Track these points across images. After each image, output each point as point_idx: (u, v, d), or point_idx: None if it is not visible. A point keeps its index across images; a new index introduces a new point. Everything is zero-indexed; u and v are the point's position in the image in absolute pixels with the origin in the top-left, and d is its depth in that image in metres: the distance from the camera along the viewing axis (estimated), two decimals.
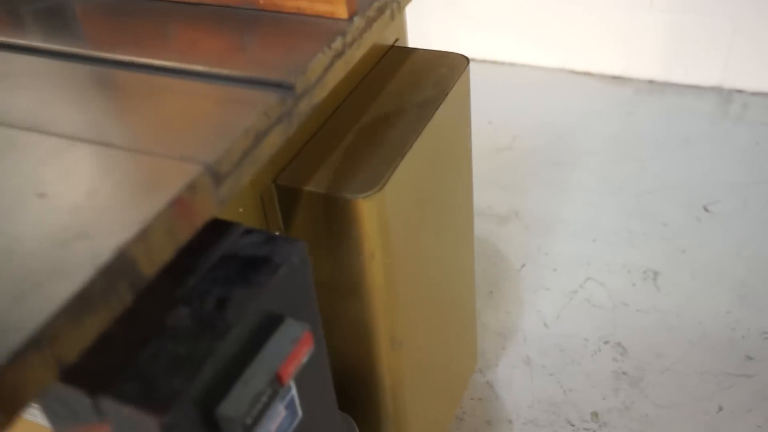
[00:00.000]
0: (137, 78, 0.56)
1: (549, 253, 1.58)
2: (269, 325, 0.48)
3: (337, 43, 0.57)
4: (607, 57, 2.03)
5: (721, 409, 1.25)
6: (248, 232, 0.51)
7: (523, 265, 1.56)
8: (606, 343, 1.38)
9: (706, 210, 1.65)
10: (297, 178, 0.67)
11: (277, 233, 0.68)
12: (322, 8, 0.59)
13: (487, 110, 1.97)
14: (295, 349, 0.47)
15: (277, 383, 0.46)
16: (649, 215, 1.63)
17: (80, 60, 0.59)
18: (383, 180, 0.65)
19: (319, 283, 0.72)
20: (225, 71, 0.55)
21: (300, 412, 0.53)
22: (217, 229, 0.51)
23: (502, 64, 2.17)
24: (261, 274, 0.47)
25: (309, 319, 0.52)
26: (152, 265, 0.42)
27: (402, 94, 0.76)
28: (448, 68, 0.79)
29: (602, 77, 2.07)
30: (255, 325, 0.46)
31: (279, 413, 0.49)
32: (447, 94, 0.75)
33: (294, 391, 0.51)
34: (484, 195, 1.73)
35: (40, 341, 0.35)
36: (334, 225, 0.66)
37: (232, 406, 0.43)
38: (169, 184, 0.44)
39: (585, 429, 1.24)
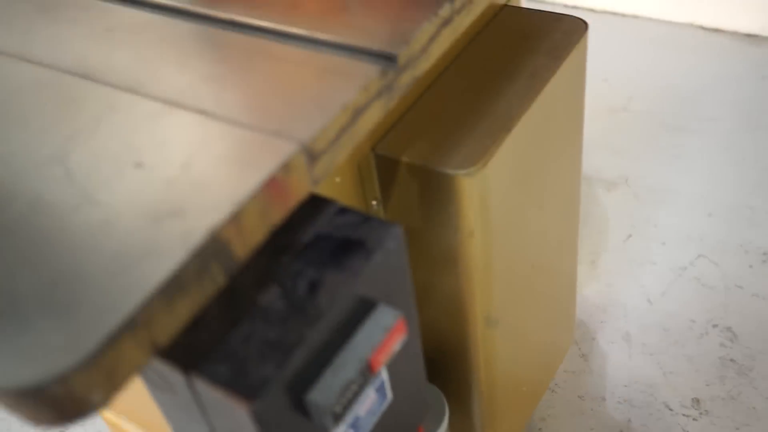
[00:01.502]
0: (236, 39, 0.54)
1: (658, 224, 1.49)
2: (361, 310, 0.46)
3: (445, 10, 0.53)
4: (742, 12, 1.85)
5: None
6: (343, 211, 0.49)
7: (630, 236, 1.48)
8: (714, 326, 1.29)
9: None
10: (397, 148, 0.64)
11: (374, 203, 0.67)
12: None
13: (603, 66, 1.85)
14: (387, 337, 0.45)
15: (368, 371, 0.44)
16: None
17: (182, 15, 0.58)
18: (486, 156, 0.61)
19: (413, 257, 0.69)
20: (324, 36, 0.52)
21: (390, 395, 0.51)
22: (311, 204, 0.49)
23: (624, 16, 2.03)
24: (355, 258, 0.45)
25: (402, 305, 0.50)
26: (245, 246, 0.41)
27: (512, 61, 0.71)
28: (564, 34, 0.73)
29: (735, 35, 1.89)
30: (346, 310, 0.45)
31: (368, 397, 0.48)
32: (561, 63, 0.69)
33: (385, 375, 0.49)
34: (592, 158, 1.64)
35: (134, 323, 0.35)
36: (433, 199, 0.64)
37: (322, 393, 0.42)
38: (263, 163, 0.42)
39: (684, 415, 1.18)
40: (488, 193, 0.63)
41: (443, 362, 0.77)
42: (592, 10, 2.07)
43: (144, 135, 0.46)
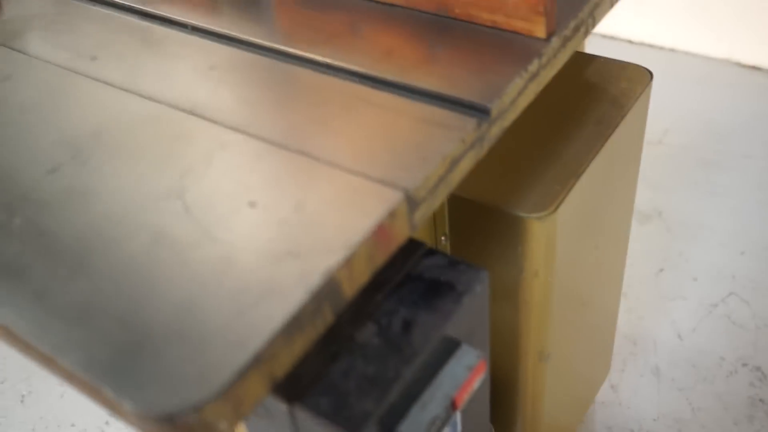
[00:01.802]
0: (333, 82, 0.57)
1: (690, 260, 1.51)
2: (446, 349, 0.49)
3: (533, 65, 0.56)
4: None
5: None
6: (431, 252, 0.52)
7: (662, 270, 1.50)
8: (744, 365, 1.31)
9: None
10: (468, 188, 0.67)
11: (443, 238, 0.69)
12: (519, 25, 0.58)
13: None
14: (470, 376, 0.48)
15: (451, 409, 0.47)
16: None
17: (279, 55, 0.61)
18: (557, 201, 0.64)
19: None
20: (418, 84, 0.55)
21: (460, 429, 0.54)
22: (401, 246, 0.52)
23: (661, 49, 2.05)
24: (446, 300, 0.48)
25: (480, 344, 0.52)
26: (352, 287, 0.44)
27: (579, 107, 0.74)
28: (629, 82, 0.76)
29: None
30: (434, 349, 0.48)
31: None
32: (627, 112, 0.72)
33: (459, 412, 0.52)
34: None
35: (260, 359, 0.38)
36: (501, 239, 0.66)
37: (410, 428, 0.45)
38: (371, 209, 0.45)
39: None
40: (555, 236, 0.66)
41: (493, 394, 0.80)
42: (629, 42, 2.09)
43: (254, 174, 0.49)
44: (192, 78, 0.59)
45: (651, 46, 2.07)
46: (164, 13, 0.68)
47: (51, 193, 0.50)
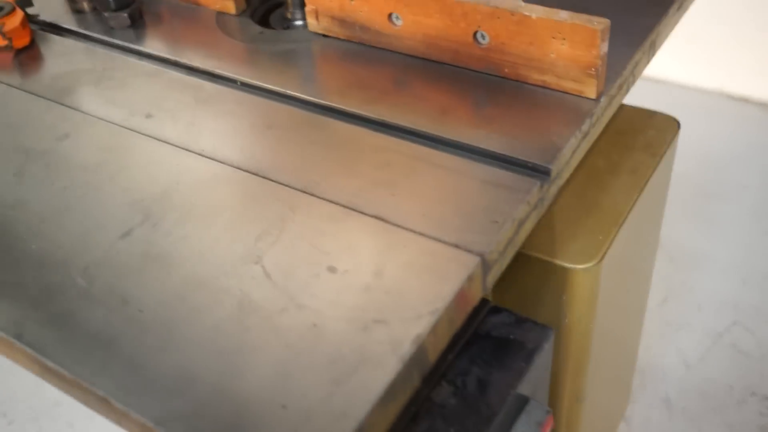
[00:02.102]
0: (391, 142, 0.59)
1: (693, 289, 1.54)
2: (516, 405, 0.50)
3: (586, 126, 0.58)
4: None
5: None
6: (497, 310, 0.53)
7: (666, 299, 1.53)
8: (753, 394, 1.34)
9: None
10: None
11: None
12: (569, 86, 0.60)
13: None
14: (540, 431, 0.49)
15: None
16: None
17: (332, 113, 0.63)
18: (602, 252, 0.66)
19: None
20: (478, 144, 0.57)
21: None
22: None
23: (654, 81, 2.11)
24: (517, 359, 0.50)
25: (543, 398, 0.54)
26: (436, 352, 0.45)
27: (612, 156, 0.76)
28: (658, 131, 0.79)
29: (764, 105, 1.97)
30: (507, 406, 0.49)
31: None
32: (659, 161, 0.75)
33: None
34: None
35: (362, 430, 0.39)
36: (545, 288, 0.68)
37: None
38: (451, 275, 0.47)
39: None
40: (599, 284, 0.67)
41: None
42: None
43: (329, 238, 0.50)
44: (251, 137, 0.61)
45: (641, 77, 2.12)
46: (211, 68, 0.69)
47: (128, 258, 0.50)
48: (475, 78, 0.64)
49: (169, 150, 0.60)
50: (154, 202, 0.55)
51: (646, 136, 0.78)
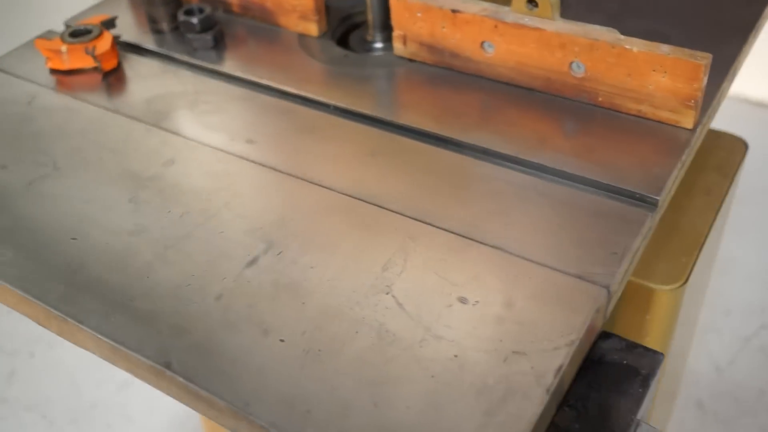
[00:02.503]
0: (496, 170, 0.61)
1: (721, 294, 1.57)
2: (634, 429, 0.52)
3: (685, 155, 0.60)
4: None
5: None
6: (607, 335, 0.55)
7: None
8: None
9: None
10: None
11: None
12: (665, 116, 0.62)
13: None
14: None
15: None
16: None
17: (431, 140, 0.64)
18: (686, 273, 0.68)
19: None
20: (582, 174, 0.59)
21: None
22: None
23: None
24: (633, 384, 0.52)
25: (645, 419, 0.56)
26: (567, 380, 0.47)
27: (686, 177, 0.78)
28: (727, 152, 0.81)
29: None
30: None
31: None
32: (732, 181, 0.77)
33: None
34: None
35: None
36: (628, 308, 0.70)
37: None
38: (580, 306, 0.49)
39: None
40: (681, 304, 0.70)
41: None
42: None
43: (454, 269, 0.52)
44: (357, 164, 0.62)
45: None
46: (303, 92, 0.70)
47: (260, 287, 0.52)
48: (567, 105, 0.66)
49: (277, 176, 0.62)
50: (273, 230, 0.57)
51: (716, 157, 0.81)
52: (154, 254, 0.55)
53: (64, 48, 0.74)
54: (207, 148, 0.65)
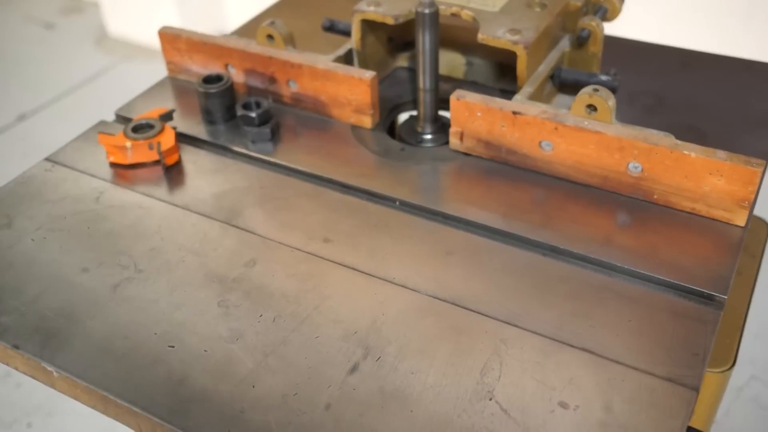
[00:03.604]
0: (571, 270, 0.64)
1: None
2: None
3: (739, 252, 0.65)
4: None
5: None
6: (691, 431, 0.59)
7: None
8: None
9: None
10: None
11: None
12: (719, 214, 0.67)
13: None
14: None
15: None
16: None
17: (503, 237, 0.68)
18: (732, 355, 0.73)
19: None
20: (652, 273, 0.63)
21: None
22: None
23: None
24: None
25: None
26: None
27: None
28: (752, 233, 0.87)
29: None
30: None
31: None
32: (760, 261, 0.82)
33: None
34: None
35: None
36: None
37: None
38: (675, 409, 0.52)
39: None
40: (726, 386, 0.74)
41: None
42: None
43: (549, 372, 0.55)
44: (435, 264, 0.65)
45: None
46: (368, 187, 0.73)
47: (366, 396, 0.54)
48: (623, 201, 0.71)
49: (360, 277, 0.64)
50: (368, 334, 0.59)
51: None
52: (255, 362, 0.57)
53: (128, 144, 0.75)
54: (286, 248, 0.67)
